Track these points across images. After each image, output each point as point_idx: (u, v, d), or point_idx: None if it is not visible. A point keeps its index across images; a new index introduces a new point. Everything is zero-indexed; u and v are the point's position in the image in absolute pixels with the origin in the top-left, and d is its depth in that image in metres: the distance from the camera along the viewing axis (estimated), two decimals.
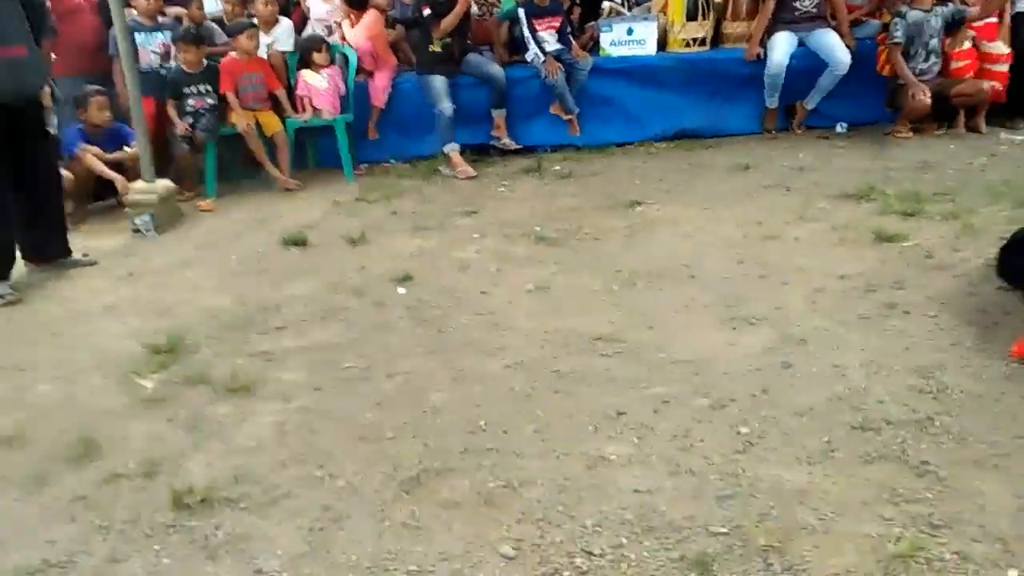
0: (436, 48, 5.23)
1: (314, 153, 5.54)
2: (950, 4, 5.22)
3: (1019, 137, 5.11)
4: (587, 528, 1.81)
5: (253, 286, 3.46)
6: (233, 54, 5.07)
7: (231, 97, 4.98)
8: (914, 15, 5.09)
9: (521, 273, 3.42)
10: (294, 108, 5.19)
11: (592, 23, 5.82)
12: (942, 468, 1.90)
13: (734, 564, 1.66)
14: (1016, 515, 1.74)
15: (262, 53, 5.19)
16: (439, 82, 5.19)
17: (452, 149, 5.17)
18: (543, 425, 2.26)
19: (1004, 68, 5.26)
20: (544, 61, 5.21)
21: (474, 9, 5.52)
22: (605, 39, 5.56)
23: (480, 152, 5.43)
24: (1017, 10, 5.42)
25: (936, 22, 5.12)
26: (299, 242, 3.95)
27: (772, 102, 5.55)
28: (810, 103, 5.52)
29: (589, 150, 5.48)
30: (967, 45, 5.28)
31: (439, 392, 2.49)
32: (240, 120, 4.91)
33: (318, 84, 5.14)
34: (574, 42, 5.53)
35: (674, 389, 2.38)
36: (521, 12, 5.32)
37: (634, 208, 4.19)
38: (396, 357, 2.74)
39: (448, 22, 5.13)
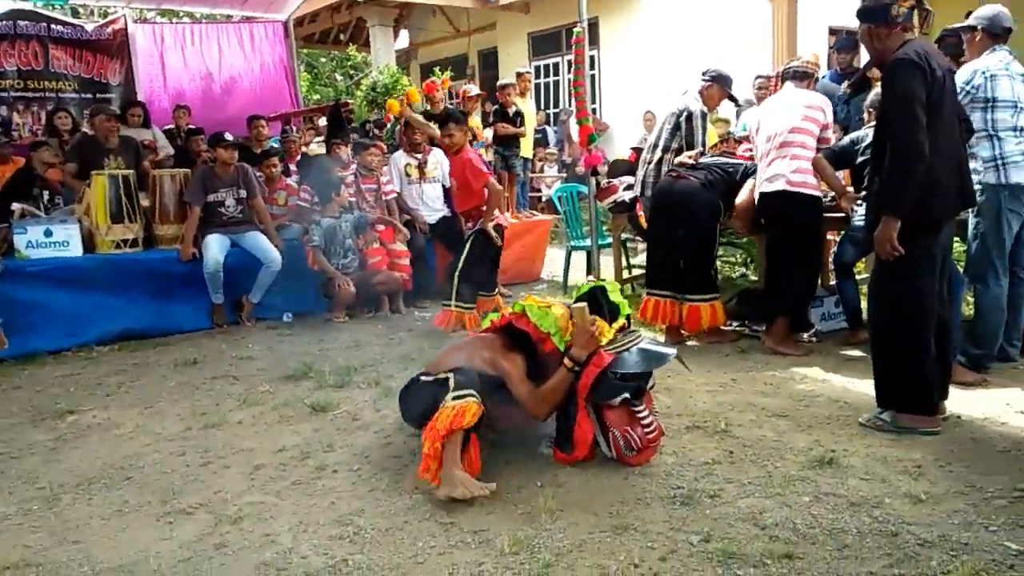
0: None
1: None
2: (356, 212, 6.22)
3: (428, 314, 6.19)
4: None
5: None
6: None
7: None
8: (327, 222, 5.94)
9: None
10: None
11: (3, 224, 5.36)
12: None
13: None
14: None
15: None
16: None
17: None
18: None
19: (407, 262, 6.39)
20: None
21: None
22: (20, 241, 5.17)
23: None
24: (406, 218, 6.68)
25: (346, 227, 6.04)
26: None
27: (217, 298, 5.77)
28: (255, 297, 5.89)
29: (14, 361, 4.92)
30: (376, 245, 6.31)
31: None
32: None
33: None
34: None
35: None
36: None
37: (65, 418, 3.84)
38: None
39: None
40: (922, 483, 2.76)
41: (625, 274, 6.49)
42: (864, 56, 7.88)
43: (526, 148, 8.15)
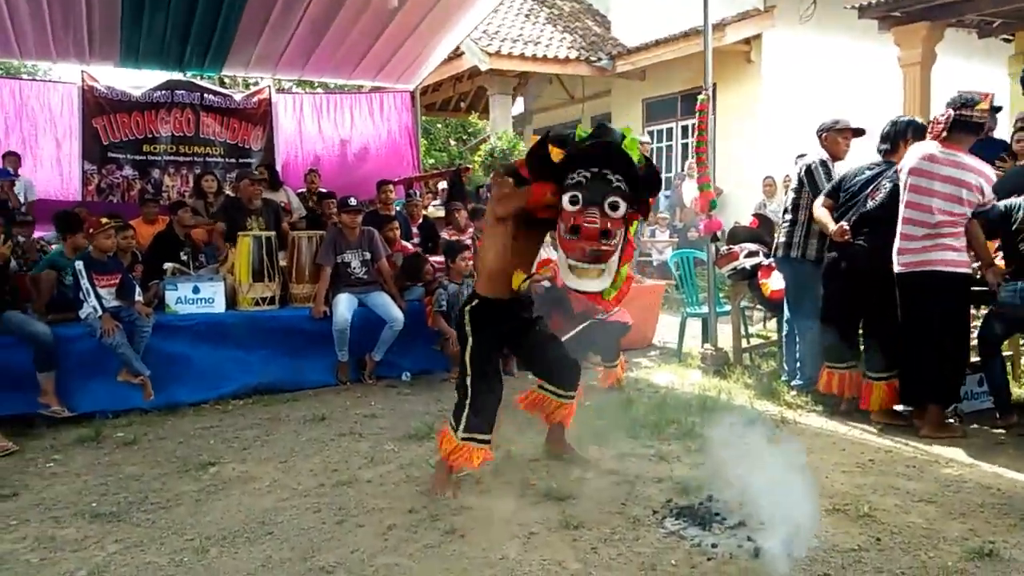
0: None
1: None
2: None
3: None
4: None
5: None
6: None
7: None
8: (452, 287, 6.12)
9: (71, 559, 3.02)
10: None
11: (156, 281, 5.80)
12: None
13: None
14: None
15: None
16: None
17: None
18: None
19: None
20: (100, 317, 4.98)
21: (12, 264, 5.11)
22: (171, 297, 5.57)
23: (22, 423, 4.81)
24: None
25: (468, 292, 6.19)
26: None
27: (343, 355, 5.99)
28: (377, 355, 6.09)
29: (159, 412, 5.23)
30: None
31: None
32: None
33: None
34: (139, 299, 5.41)
35: None
36: (80, 265, 5.06)
37: (207, 470, 4.05)
38: None
39: None
40: None
41: (744, 343, 6.34)
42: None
43: None
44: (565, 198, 3.06)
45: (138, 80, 9.31)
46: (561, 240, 3.11)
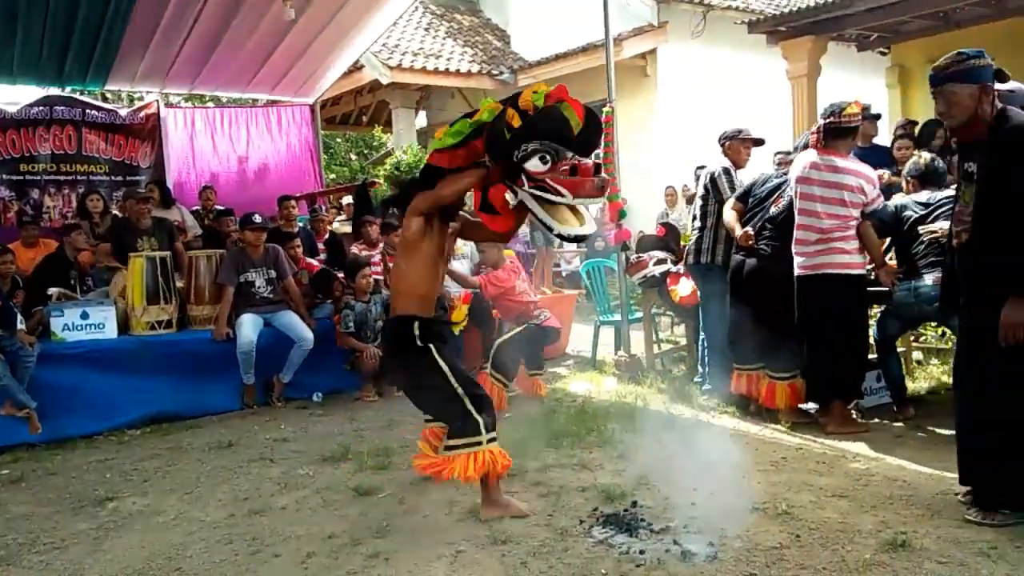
0: None
1: None
2: (384, 291, 6.26)
3: None
4: None
5: None
6: None
7: None
8: (359, 307, 5.97)
9: None
10: None
11: (40, 308, 5.40)
12: None
13: None
14: None
15: None
16: None
17: None
18: None
19: None
20: None
21: None
22: (57, 324, 5.19)
23: None
24: None
25: (376, 309, 6.06)
26: None
27: (248, 378, 5.74)
28: (286, 376, 5.87)
29: (48, 446, 4.86)
30: None
31: None
32: None
33: None
34: (21, 327, 5.01)
35: None
36: None
37: (105, 505, 3.77)
38: None
39: None
40: (1002, 566, 2.66)
41: (656, 348, 6.46)
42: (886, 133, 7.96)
43: None
44: (533, 162, 2.91)
45: (13, 96, 8.68)
46: (563, 183, 2.87)
